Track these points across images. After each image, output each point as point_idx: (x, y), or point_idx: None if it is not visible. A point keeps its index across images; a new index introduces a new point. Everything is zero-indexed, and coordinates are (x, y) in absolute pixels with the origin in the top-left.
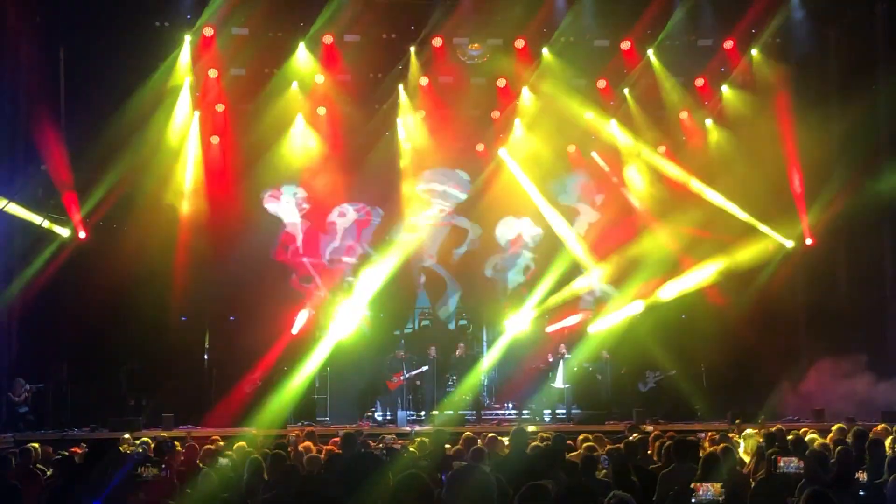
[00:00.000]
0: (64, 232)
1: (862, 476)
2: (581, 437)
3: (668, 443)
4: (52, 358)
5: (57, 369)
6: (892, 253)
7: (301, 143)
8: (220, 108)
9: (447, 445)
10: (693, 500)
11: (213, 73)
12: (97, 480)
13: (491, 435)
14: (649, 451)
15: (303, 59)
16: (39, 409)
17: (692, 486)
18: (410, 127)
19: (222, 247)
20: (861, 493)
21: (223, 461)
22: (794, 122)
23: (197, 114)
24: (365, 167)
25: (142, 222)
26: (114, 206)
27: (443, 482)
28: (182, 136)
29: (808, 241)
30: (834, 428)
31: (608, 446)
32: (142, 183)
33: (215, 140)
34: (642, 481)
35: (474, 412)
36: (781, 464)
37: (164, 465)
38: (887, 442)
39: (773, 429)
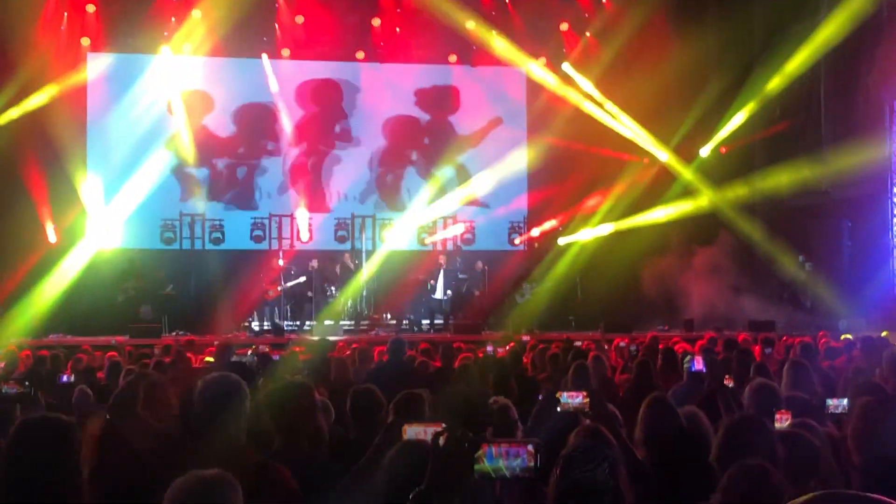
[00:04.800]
0: None
1: (729, 381)
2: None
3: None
4: None
5: None
6: (763, 161)
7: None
8: (90, 8)
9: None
10: (558, 408)
11: None
12: None
13: (363, 346)
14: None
15: None
16: None
17: (557, 393)
18: (288, 32)
19: None
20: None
21: None
22: (671, 33)
23: (65, 14)
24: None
25: (10, 130)
26: None
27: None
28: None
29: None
30: (707, 337)
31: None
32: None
33: (86, 42)
34: (521, 388)
35: (353, 322)
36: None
37: (28, 383)
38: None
39: (648, 337)
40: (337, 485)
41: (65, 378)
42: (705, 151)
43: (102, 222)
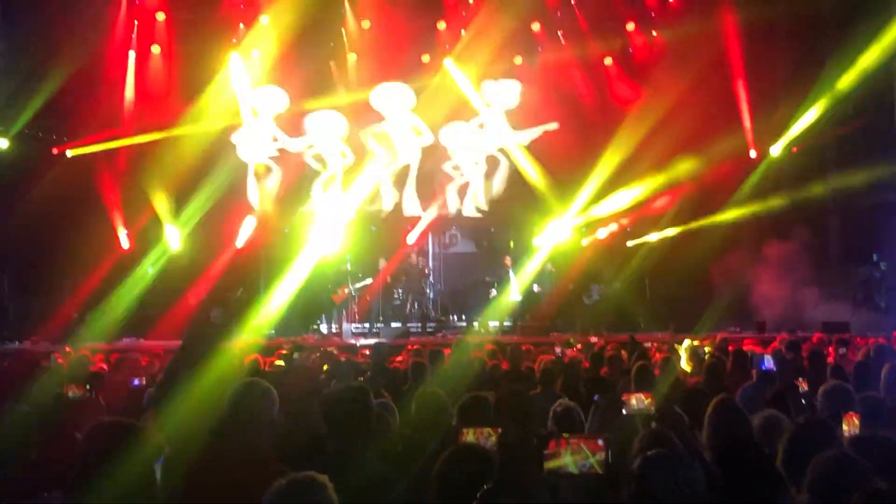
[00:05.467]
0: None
1: (803, 385)
2: (524, 348)
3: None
4: None
5: None
6: (836, 160)
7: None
8: (160, 16)
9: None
10: (624, 411)
11: None
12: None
13: (434, 348)
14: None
15: None
16: None
17: (623, 396)
18: (355, 38)
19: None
20: (802, 401)
21: None
22: (739, 30)
23: (136, 22)
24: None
25: (82, 133)
26: (53, 118)
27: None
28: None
29: (752, 154)
30: (778, 339)
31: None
32: (81, 94)
33: (156, 50)
34: (591, 390)
35: (420, 324)
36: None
37: (89, 387)
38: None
39: (718, 339)
40: (397, 488)
41: (136, 382)
42: (776, 150)
43: (174, 228)
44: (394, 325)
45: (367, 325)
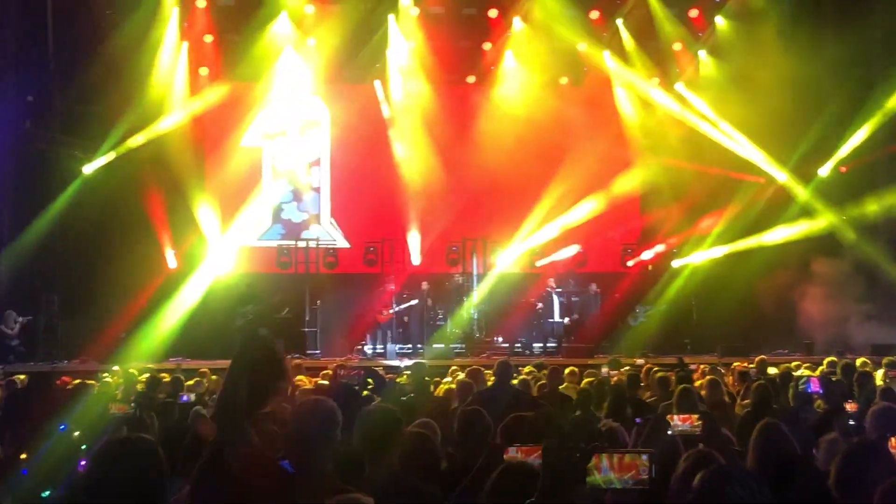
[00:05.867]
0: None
1: (852, 407)
2: (568, 370)
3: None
4: (42, 290)
5: (48, 301)
6: (885, 179)
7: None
8: (208, 38)
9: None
10: (669, 432)
11: (201, 3)
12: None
13: (475, 367)
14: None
15: None
16: (29, 341)
17: (667, 417)
18: (401, 58)
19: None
20: (851, 422)
21: None
22: (786, 51)
23: (185, 44)
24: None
25: (133, 158)
26: (103, 139)
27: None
28: (170, 67)
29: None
30: (825, 361)
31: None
32: (130, 116)
33: (204, 72)
34: (636, 413)
35: (464, 345)
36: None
37: (135, 404)
38: (877, 374)
39: (757, 359)
40: None
41: (185, 398)
42: (824, 171)
43: (220, 248)
44: (436, 346)
45: (409, 346)
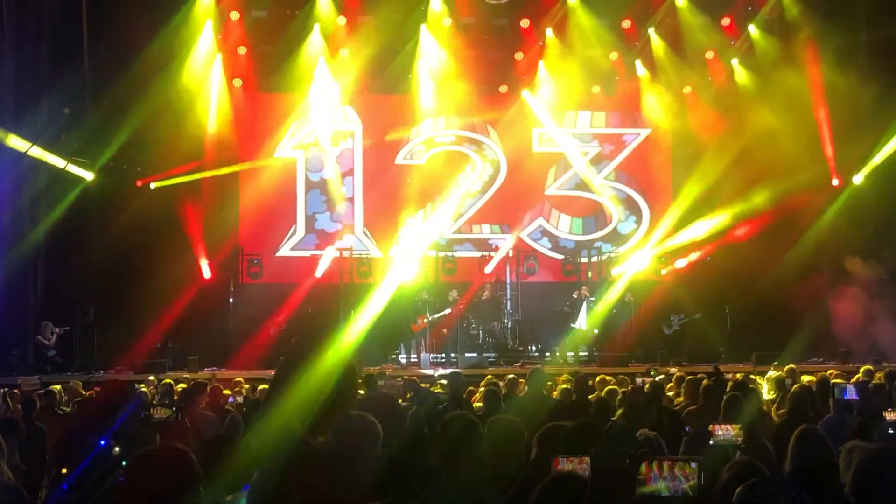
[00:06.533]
0: (87, 175)
1: (892, 416)
2: (599, 377)
3: (704, 381)
4: (78, 300)
5: (84, 312)
6: None
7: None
8: (241, 50)
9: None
10: (711, 441)
11: (234, 16)
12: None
13: (511, 376)
14: (672, 392)
15: (324, 1)
16: (66, 351)
17: (710, 427)
18: (433, 69)
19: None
20: (890, 430)
21: None
22: (821, 63)
23: (219, 56)
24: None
25: (165, 165)
26: (137, 151)
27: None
28: (204, 78)
29: (835, 182)
30: (861, 369)
31: (630, 387)
32: (164, 126)
33: (238, 83)
34: (667, 420)
35: (497, 354)
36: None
37: (175, 409)
38: None
39: (786, 368)
40: None
41: (231, 399)
42: (859, 179)
43: (254, 259)
44: (468, 355)
45: (443, 355)
